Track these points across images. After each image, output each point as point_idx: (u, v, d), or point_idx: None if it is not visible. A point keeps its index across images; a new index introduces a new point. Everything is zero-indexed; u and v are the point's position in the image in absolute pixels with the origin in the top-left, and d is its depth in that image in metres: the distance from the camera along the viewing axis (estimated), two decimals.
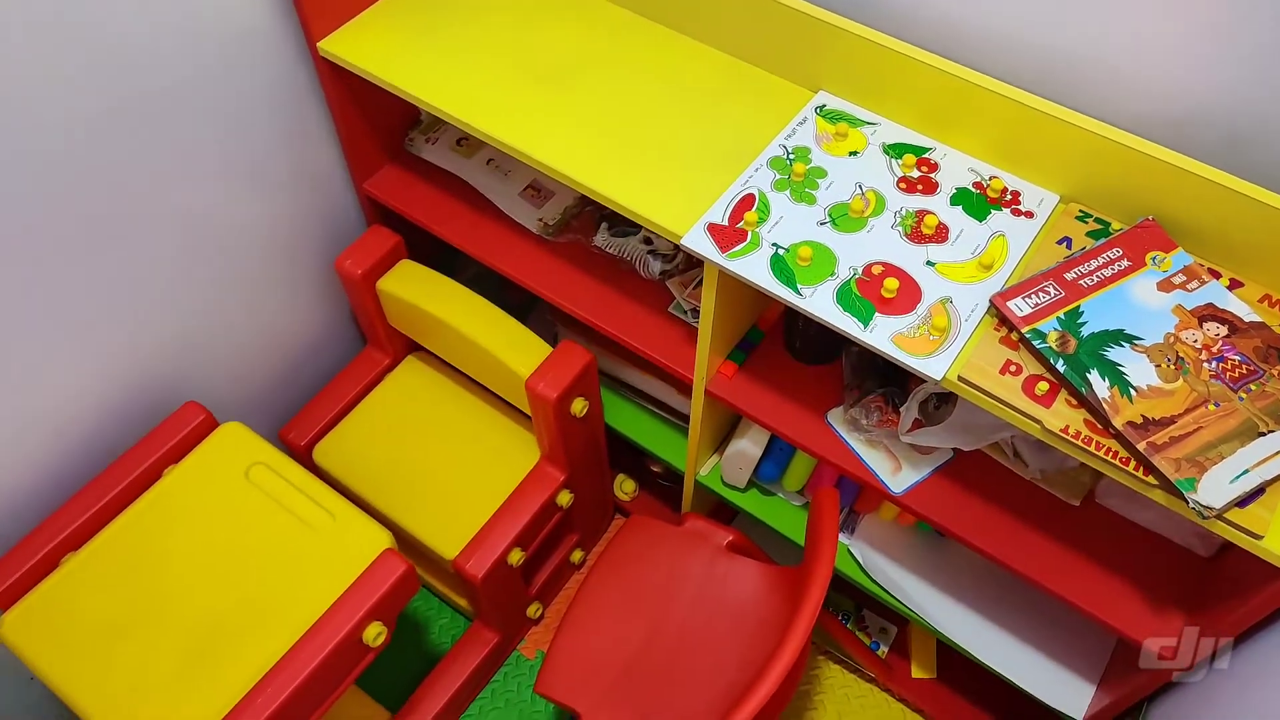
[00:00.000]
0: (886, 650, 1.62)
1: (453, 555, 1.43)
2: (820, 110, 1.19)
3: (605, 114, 1.20)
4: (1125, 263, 1.02)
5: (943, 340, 0.99)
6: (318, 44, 1.28)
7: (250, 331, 1.49)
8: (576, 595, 1.40)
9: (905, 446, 1.23)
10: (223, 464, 1.30)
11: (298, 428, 1.56)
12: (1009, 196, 1.10)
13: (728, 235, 1.07)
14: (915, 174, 1.12)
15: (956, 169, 1.13)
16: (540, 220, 1.42)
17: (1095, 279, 1.01)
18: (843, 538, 1.43)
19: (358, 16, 1.31)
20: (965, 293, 1.02)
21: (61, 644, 1.15)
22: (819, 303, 1.02)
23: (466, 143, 1.48)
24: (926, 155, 1.14)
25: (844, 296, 1.02)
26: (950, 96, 1.10)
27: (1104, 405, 0.92)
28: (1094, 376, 0.94)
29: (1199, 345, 0.96)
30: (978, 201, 1.10)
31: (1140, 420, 0.91)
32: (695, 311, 1.33)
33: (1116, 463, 0.91)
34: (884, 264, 1.04)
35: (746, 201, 1.10)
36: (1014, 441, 1.19)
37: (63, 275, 1.17)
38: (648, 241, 1.36)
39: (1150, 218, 1.04)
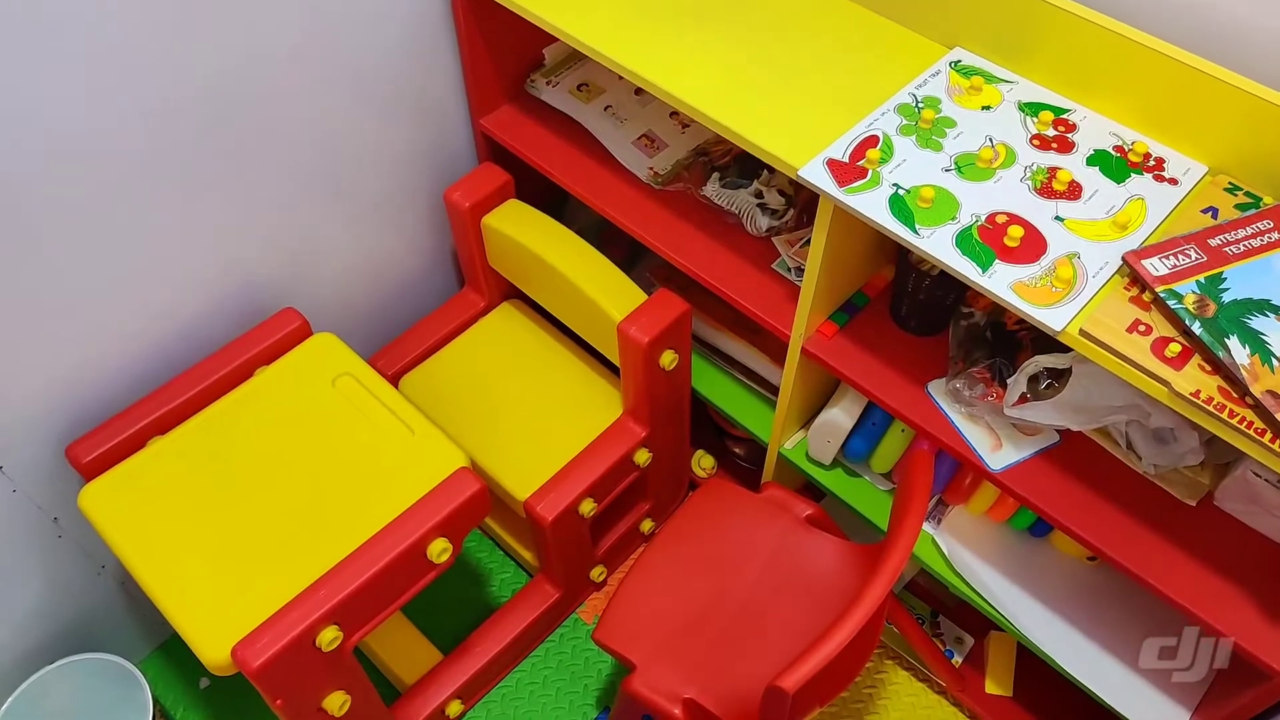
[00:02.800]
0: (961, 661, 1.53)
1: (525, 496, 1.41)
2: (955, 65, 1.15)
3: (733, 54, 1.18)
4: (1276, 235, 0.95)
5: (1066, 293, 0.93)
6: None
7: (356, 253, 1.52)
8: (645, 549, 1.37)
9: (1008, 424, 1.16)
10: (312, 370, 1.31)
11: (388, 356, 1.57)
12: (1152, 162, 1.04)
13: (847, 171, 1.03)
14: (1051, 132, 1.07)
15: (1096, 131, 1.07)
16: (651, 169, 1.41)
17: (1242, 248, 0.94)
18: (929, 528, 1.36)
19: None
20: (1095, 250, 0.96)
21: (137, 520, 1.17)
22: (937, 244, 0.97)
23: (586, 88, 1.49)
24: (1065, 116, 1.09)
25: (964, 241, 0.97)
26: (1095, 52, 1.05)
27: (1242, 371, 0.85)
28: (1233, 342, 0.87)
29: None
30: (1117, 164, 1.04)
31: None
32: (800, 270, 1.29)
33: (1251, 433, 0.83)
34: (1009, 214, 0.99)
35: (870, 141, 1.06)
36: (1128, 431, 1.11)
37: (196, 177, 1.22)
38: (758, 195, 1.33)
39: None
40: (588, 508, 1.43)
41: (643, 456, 1.48)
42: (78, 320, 1.20)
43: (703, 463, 1.75)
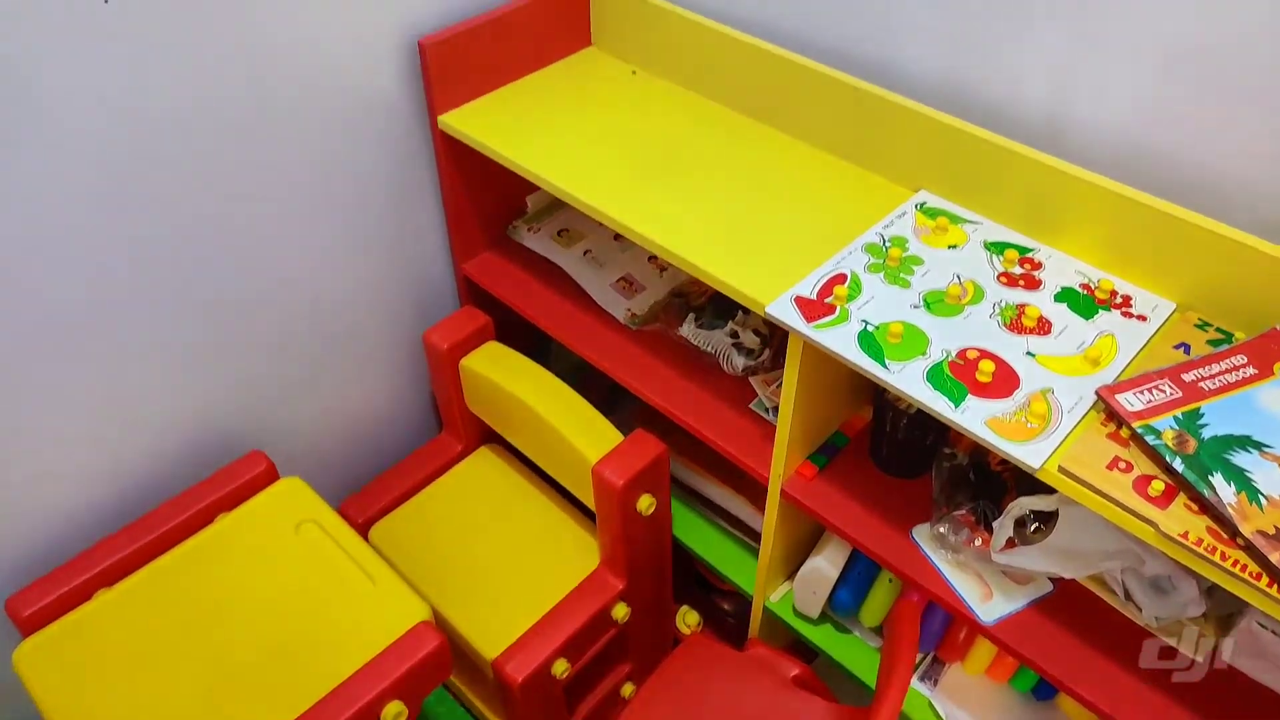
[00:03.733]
0: None
1: (493, 655, 1.33)
2: (920, 206, 1.16)
3: (704, 199, 1.20)
4: (1251, 370, 0.92)
5: (1042, 428, 0.90)
6: (438, 117, 1.34)
7: (331, 396, 1.50)
8: (621, 713, 1.28)
9: (998, 572, 1.10)
10: (276, 516, 1.27)
11: (359, 503, 1.53)
12: (1119, 299, 1.03)
13: (815, 308, 1.02)
14: (1018, 270, 1.07)
15: (1062, 269, 1.07)
16: (629, 311, 1.41)
17: (1217, 383, 0.91)
18: (924, 689, 1.27)
19: (477, 99, 1.38)
20: (1068, 385, 0.94)
21: (73, 681, 1.09)
22: (908, 379, 0.95)
23: (567, 233, 1.51)
24: (1030, 255, 1.09)
25: (935, 376, 0.95)
26: (1057, 195, 1.06)
27: (1230, 510, 0.80)
28: (1218, 480, 0.83)
29: None
30: (1085, 301, 1.03)
31: (1273, 530, 0.79)
32: (777, 409, 1.26)
33: (1246, 577, 0.78)
34: (980, 349, 0.97)
35: (838, 279, 1.06)
36: (1124, 579, 1.05)
37: (166, 316, 1.22)
38: (734, 335, 1.32)
39: (1278, 327, 0.95)
40: (561, 668, 1.35)
41: (621, 611, 1.41)
42: (24, 461, 1.16)
43: (687, 619, 1.67)
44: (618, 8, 1.42)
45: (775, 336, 1.33)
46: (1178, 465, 0.84)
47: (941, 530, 1.12)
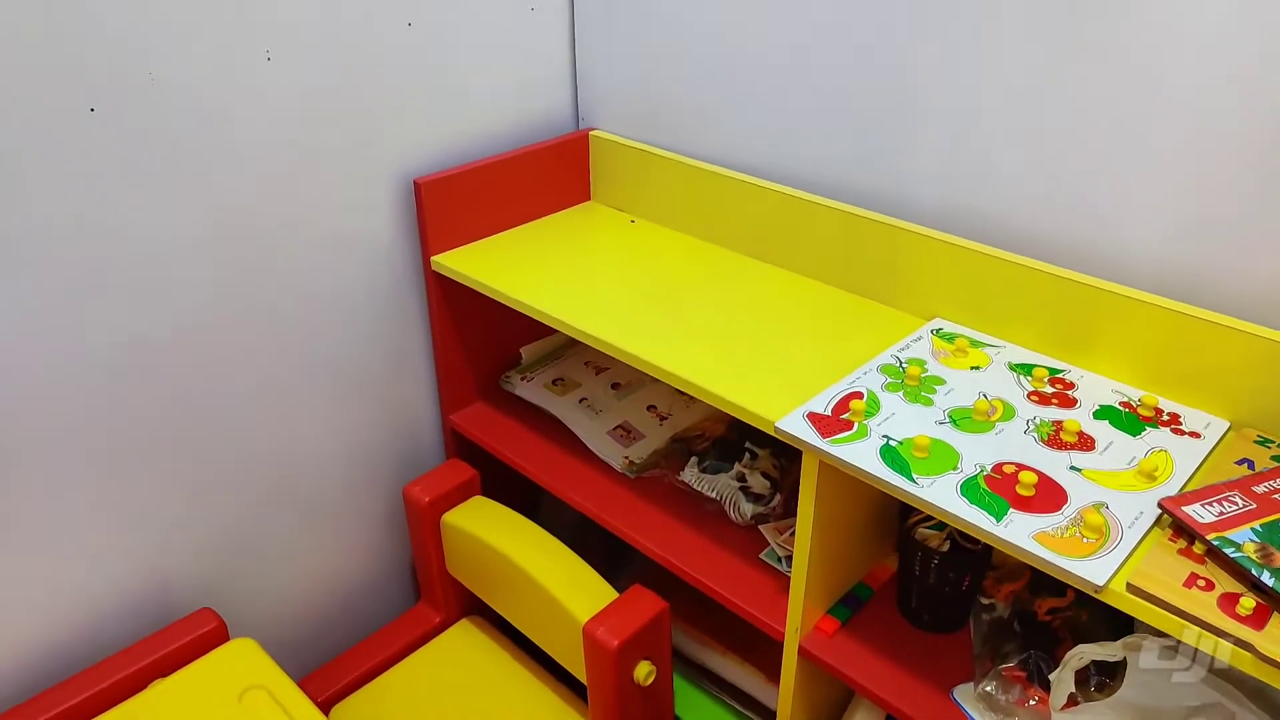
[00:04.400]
0: None
1: None
2: (936, 332, 1.09)
3: (707, 329, 1.13)
4: None
5: (1100, 544, 0.78)
6: (432, 258, 1.30)
7: (298, 555, 1.37)
8: None
9: None
10: (220, 681, 1.11)
11: (322, 679, 1.35)
12: (1166, 417, 0.94)
13: (831, 424, 0.93)
14: (1049, 389, 0.98)
15: (1098, 389, 0.99)
16: (626, 459, 1.31)
17: None
18: None
19: (472, 244, 1.35)
20: (1124, 499, 0.83)
21: None
22: (940, 494, 0.84)
23: (562, 383, 1.44)
24: (1060, 375, 1.01)
25: (970, 490, 0.84)
26: (1085, 311, 1.00)
27: None
28: None
29: None
30: (1128, 419, 0.94)
31: None
32: (790, 559, 1.14)
33: None
34: (1017, 464, 0.87)
35: (853, 396, 0.97)
36: None
37: (119, 454, 1.12)
38: (740, 479, 1.22)
39: None
40: None
41: None
42: None
43: None
44: (617, 158, 1.43)
45: (787, 481, 1.22)
46: (1266, 579, 0.72)
47: (988, 689, 0.97)
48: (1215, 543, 0.76)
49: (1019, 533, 0.79)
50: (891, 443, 0.90)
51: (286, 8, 1.09)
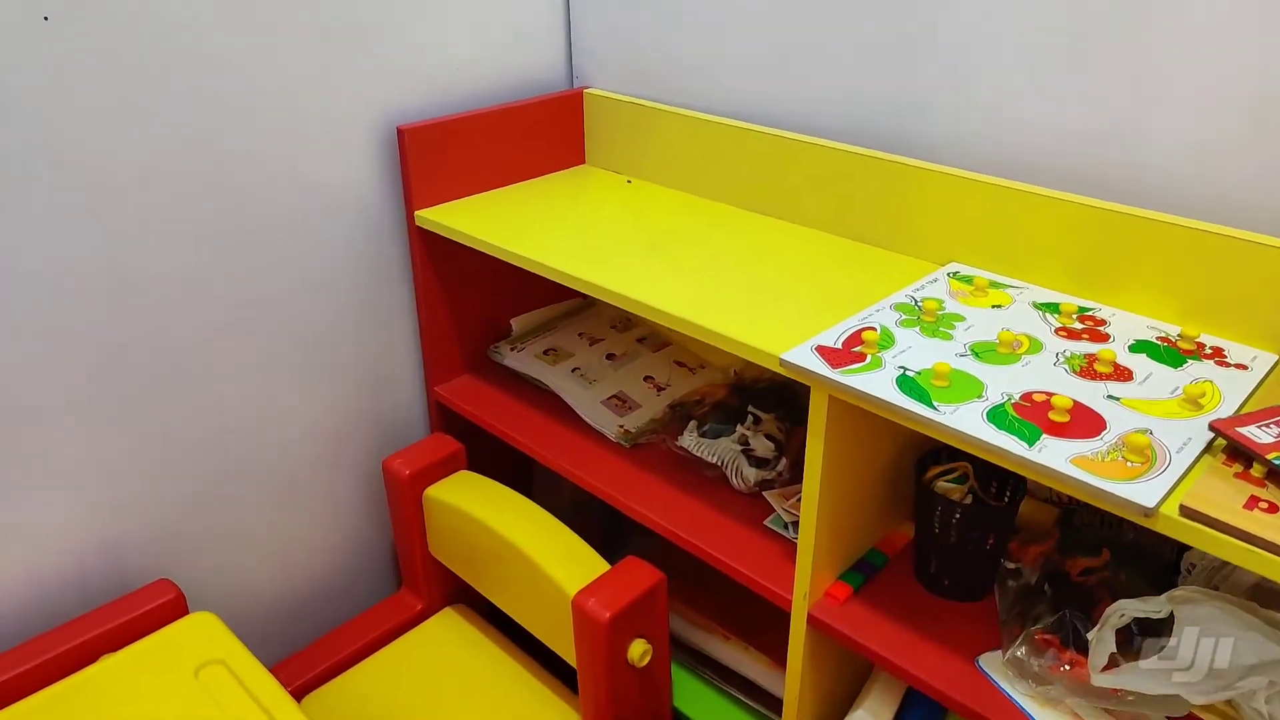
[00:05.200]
0: None
1: None
2: (953, 275, 1.01)
3: (711, 276, 1.05)
4: None
5: (1147, 468, 0.69)
6: (416, 212, 1.23)
7: (266, 533, 1.27)
8: None
9: (1097, 706, 0.84)
10: (176, 655, 1.01)
11: (293, 667, 1.25)
12: (1209, 350, 0.86)
13: (841, 356, 0.85)
14: (1078, 325, 0.90)
15: (1132, 326, 0.90)
16: (621, 427, 1.22)
17: None
18: None
19: (459, 200, 1.28)
20: (1170, 426, 0.74)
21: None
22: (963, 420, 0.75)
23: (554, 353, 1.36)
24: (1090, 313, 0.93)
25: (997, 417, 0.76)
26: (1116, 245, 0.92)
27: None
28: None
29: None
30: (1167, 352, 0.86)
31: None
32: (797, 524, 1.04)
33: None
34: (1048, 392, 0.79)
35: (866, 330, 0.89)
36: (1272, 710, 0.79)
37: (74, 426, 1.05)
38: (743, 443, 1.13)
39: None
40: None
41: None
42: None
43: None
44: (613, 116, 1.36)
45: (792, 444, 1.13)
46: None
47: (1018, 654, 0.87)
48: (1277, 463, 0.67)
49: (1054, 457, 0.71)
50: (909, 373, 0.82)
51: None
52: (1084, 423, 0.75)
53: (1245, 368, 0.83)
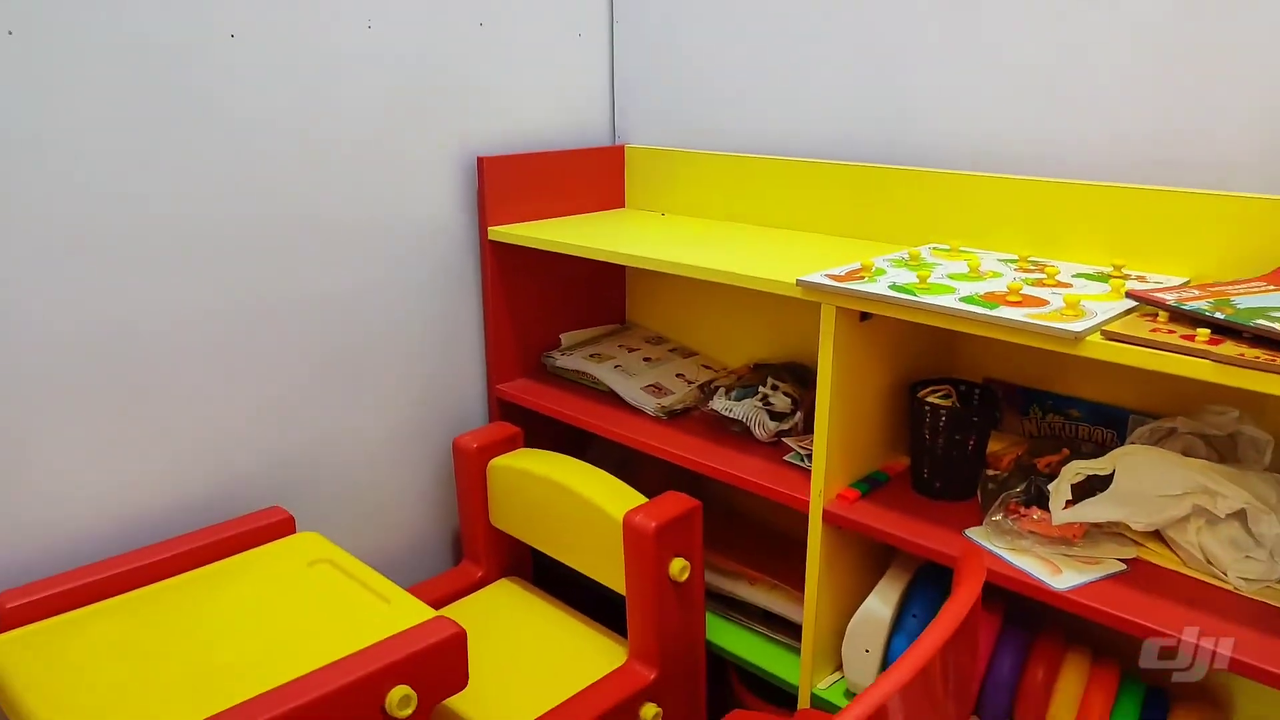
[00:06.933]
0: None
1: None
2: (931, 248, 1.26)
3: (735, 254, 1.29)
4: (1270, 284, 0.97)
5: (1080, 316, 0.92)
6: (489, 228, 1.50)
7: (354, 497, 1.47)
8: None
9: (1063, 555, 1.02)
10: (288, 557, 1.20)
11: None
12: (1135, 276, 1.09)
13: (845, 278, 1.08)
14: (1032, 267, 1.14)
15: (1076, 268, 1.14)
16: (659, 405, 1.44)
17: (1241, 289, 0.95)
18: None
19: (523, 223, 1.55)
20: (1101, 304, 0.97)
21: (50, 673, 0.97)
22: (939, 301, 0.98)
23: (598, 356, 1.59)
24: (1042, 263, 1.17)
25: (967, 300, 0.99)
26: (1056, 208, 1.17)
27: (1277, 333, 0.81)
28: (1261, 323, 0.84)
29: None
30: (1099, 275, 1.09)
31: None
32: (811, 457, 1.24)
33: None
34: (1007, 289, 1.02)
35: (862, 267, 1.13)
36: (1201, 540, 0.97)
37: (229, 367, 1.28)
38: (764, 401, 1.34)
39: None
40: None
41: (650, 712, 1.25)
42: (41, 474, 1.15)
43: None
44: (649, 164, 1.65)
45: (806, 400, 1.35)
46: (1220, 317, 0.86)
47: (995, 519, 1.06)
48: (1175, 304, 0.90)
49: (1009, 314, 0.93)
50: (898, 284, 1.05)
51: None
52: (1034, 301, 0.98)
53: (1163, 285, 1.07)
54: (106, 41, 1.10)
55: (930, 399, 1.17)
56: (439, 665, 0.99)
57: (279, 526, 1.25)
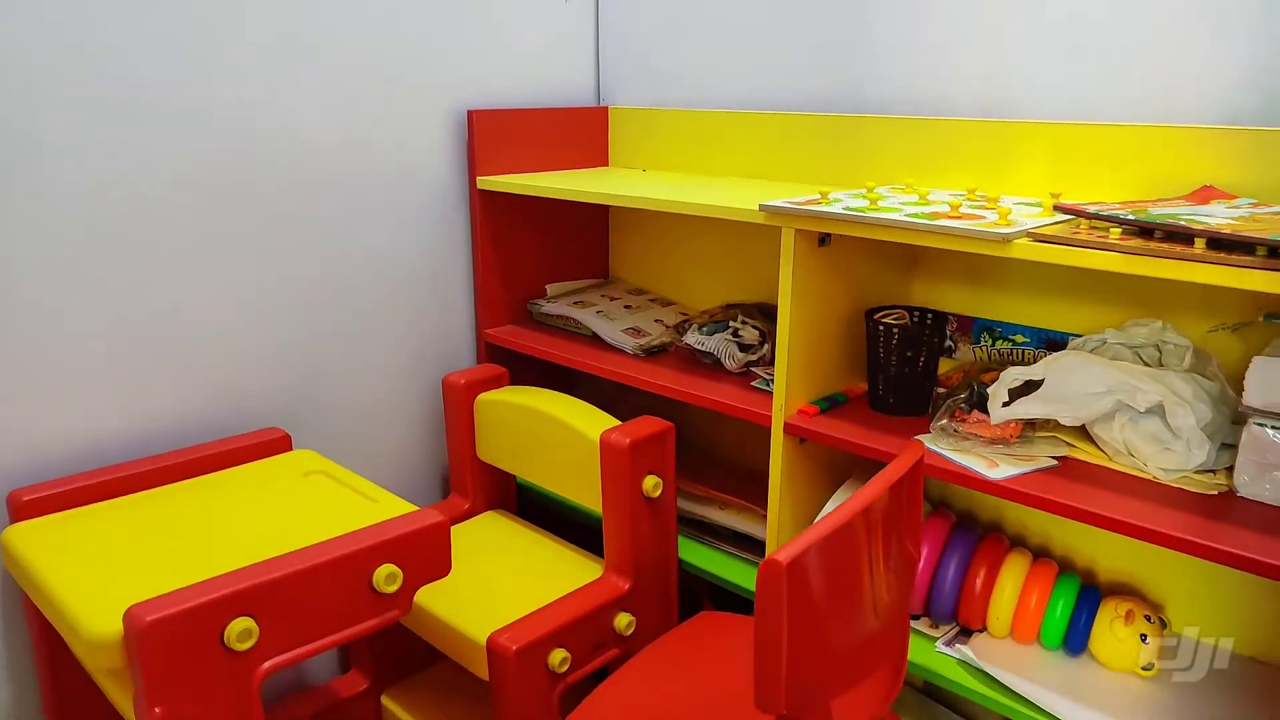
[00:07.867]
0: None
1: (485, 637, 1.23)
2: (890, 186, 1.35)
3: (711, 190, 1.38)
4: (1189, 202, 1.06)
5: (1012, 226, 1.01)
6: (478, 178, 1.59)
7: (353, 429, 1.56)
8: (618, 671, 1.16)
9: (1000, 453, 1.10)
10: (287, 468, 1.28)
11: None
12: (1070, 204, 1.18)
13: (803, 204, 1.17)
14: (980, 200, 1.23)
15: (1018, 200, 1.23)
16: (638, 344, 1.53)
17: (1160, 204, 1.04)
18: (952, 652, 1.18)
19: (510, 174, 1.63)
20: (1034, 219, 1.06)
21: (62, 555, 1.05)
22: (888, 216, 1.07)
23: (580, 303, 1.67)
24: (988, 197, 1.26)
25: (912, 215, 1.08)
26: (1000, 145, 1.27)
27: (1182, 223, 0.90)
28: (1168, 221, 0.93)
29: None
30: (1042, 204, 1.18)
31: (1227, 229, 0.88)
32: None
33: (1206, 257, 0.85)
34: (949, 210, 1.11)
35: (820, 196, 1.22)
36: (1125, 436, 1.06)
37: (238, 300, 1.37)
38: (734, 334, 1.43)
39: (1209, 185, 1.10)
40: (559, 658, 1.24)
41: (624, 620, 1.33)
42: (66, 382, 1.23)
43: None
44: (631, 123, 1.74)
45: (773, 333, 1.43)
46: (1129, 217, 0.95)
47: (942, 424, 1.15)
48: (1094, 211, 0.99)
49: (949, 224, 1.02)
50: (851, 207, 1.14)
51: None
52: (971, 217, 1.07)
53: None
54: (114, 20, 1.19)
55: (884, 320, 1.25)
56: (422, 549, 1.07)
57: (277, 444, 1.34)
